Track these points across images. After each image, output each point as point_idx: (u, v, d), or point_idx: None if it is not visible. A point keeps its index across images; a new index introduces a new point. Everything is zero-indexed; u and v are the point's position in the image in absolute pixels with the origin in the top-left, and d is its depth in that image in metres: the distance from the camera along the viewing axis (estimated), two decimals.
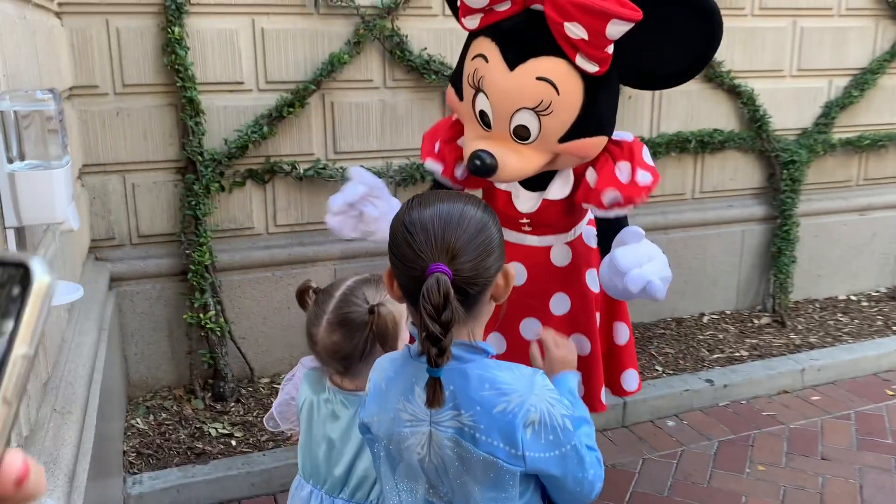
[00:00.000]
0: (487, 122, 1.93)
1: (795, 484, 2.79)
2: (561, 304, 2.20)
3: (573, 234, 2.19)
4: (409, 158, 3.43)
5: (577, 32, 1.75)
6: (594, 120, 1.91)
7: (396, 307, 1.55)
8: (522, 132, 1.89)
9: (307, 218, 3.36)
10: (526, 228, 2.15)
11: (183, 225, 3.11)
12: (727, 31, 3.72)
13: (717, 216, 4.06)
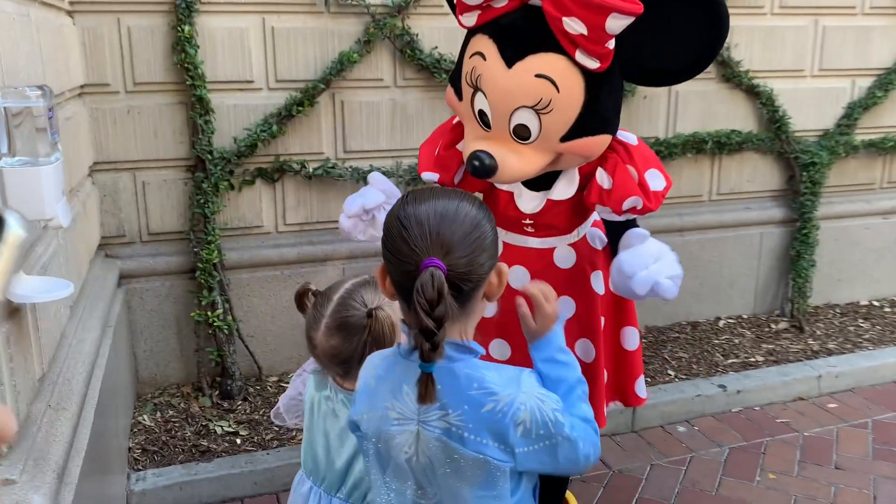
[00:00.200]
0: (487, 121, 1.89)
1: (807, 493, 2.72)
2: (566, 307, 2.14)
3: (577, 235, 2.14)
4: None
5: (576, 28, 1.70)
6: (597, 118, 1.86)
7: (395, 310, 1.53)
8: (522, 132, 1.85)
9: (316, 217, 3.35)
10: (528, 230, 2.11)
11: (192, 223, 3.12)
12: (746, 30, 3.76)
13: (734, 218, 3.99)
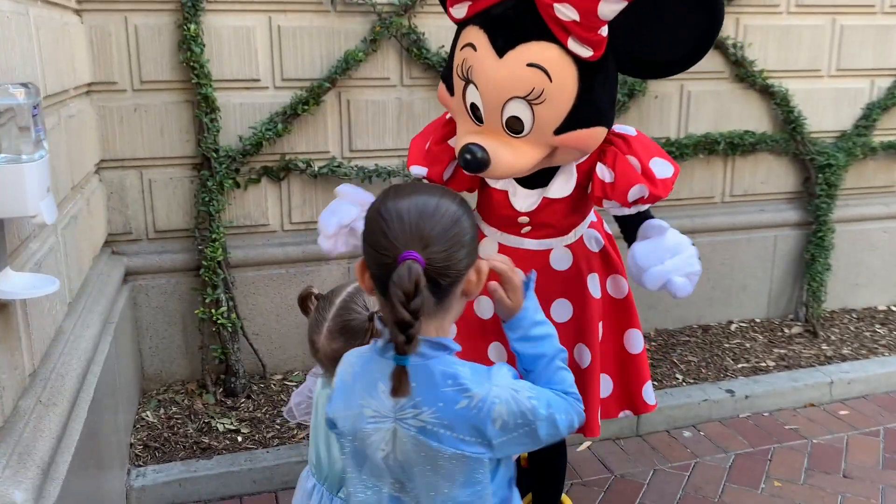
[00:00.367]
0: (479, 115, 1.86)
1: (812, 502, 2.66)
2: (563, 310, 2.12)
3: (573, 236, 2.11)
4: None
5: (567, 14, 1.68)
6: (591, 109, 1.81)
7: None
8: (515, 124, 1.81)
9: None
10: (525, 230, 2.08)
11: (197, 221, 3.14)
12: (760, 29, 3.70)
13: (747, 221, 3.92)
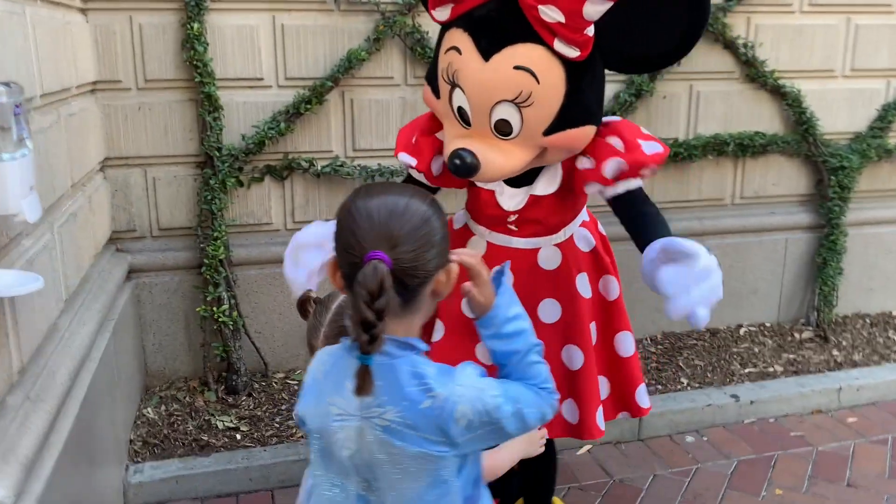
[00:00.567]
0: (466, 118, 1.85)
1: None
2: (551, 311, 2.10)
3: (563, 235, 2.08)
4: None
5: (552, 15, 1.66)
6: (580, 109, 1.81)
7: None
8: (504, 127, 1.80)
9: (325, 215, 3.35)
10: (512, 228, 2.05)
11: (199, 219, 3.15)
12: (772, 28, 3.65)
13: (758, 223, 3.86)
